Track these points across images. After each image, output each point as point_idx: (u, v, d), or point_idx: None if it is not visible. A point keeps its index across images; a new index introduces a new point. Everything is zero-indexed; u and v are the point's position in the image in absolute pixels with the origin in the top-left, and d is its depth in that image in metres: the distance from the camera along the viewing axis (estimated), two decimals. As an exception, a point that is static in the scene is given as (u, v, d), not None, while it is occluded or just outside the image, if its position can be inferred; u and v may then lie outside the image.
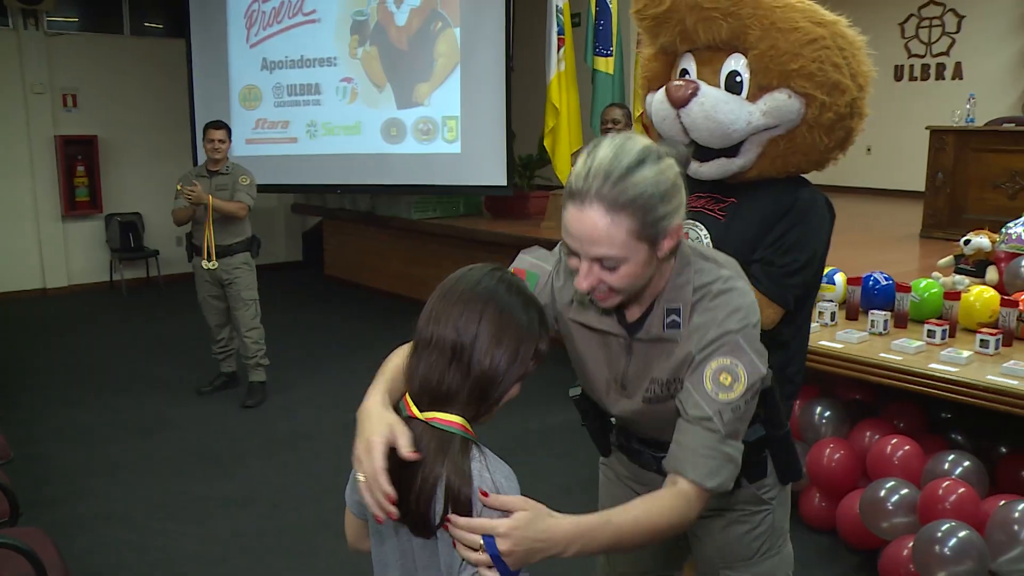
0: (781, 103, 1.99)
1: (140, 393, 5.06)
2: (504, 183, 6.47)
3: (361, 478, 1.23)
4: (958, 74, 8.51)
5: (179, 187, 4.67)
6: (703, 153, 2.12)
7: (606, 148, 1.30)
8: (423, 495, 1.21)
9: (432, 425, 1.24)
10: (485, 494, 1.19)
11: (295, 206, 8.78)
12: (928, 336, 3.12)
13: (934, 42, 8.64)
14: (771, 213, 2.05)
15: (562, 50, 5.98)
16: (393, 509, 1.19)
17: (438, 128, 6.58)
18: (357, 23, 6.71)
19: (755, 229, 2.04)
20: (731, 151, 2.07)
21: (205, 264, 4.80)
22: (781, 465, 1.69)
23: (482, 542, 1.16)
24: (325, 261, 8.86)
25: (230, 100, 7.07)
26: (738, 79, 2.03)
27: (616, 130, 4.61)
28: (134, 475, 3.92)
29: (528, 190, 7.24)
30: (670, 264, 1.41)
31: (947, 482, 2.72)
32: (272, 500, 3.67)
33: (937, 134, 5.75)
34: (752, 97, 2.02)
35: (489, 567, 1.16)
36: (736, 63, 2.03)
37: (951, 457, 2.89)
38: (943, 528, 2.56)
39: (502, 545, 1.15)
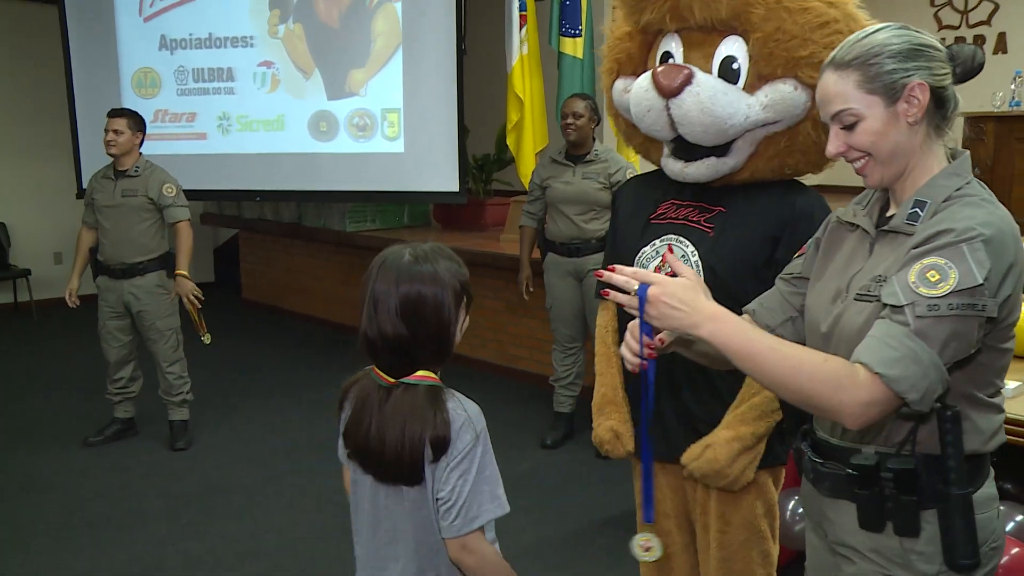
0: (786, 95, 2.00)
1: (9, 446, 4.89)
2: (456, 188, 6.41)
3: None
4: (1001, 47, 8.48)
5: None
6: (689, 151, 2.13)
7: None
8: (413, 448, 1.66)
9: (407, 383, 1.71)
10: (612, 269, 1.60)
11: (205, 216, 8.66)
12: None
13: (971, 9, 8.61)
14: (773, 225, 2.06)
15: (524, 29, 5.96)
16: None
17: (377, 123, 6.52)
18: (278, -5, 6.65)
19: (756, 247, 2.05)
20: (722, 149, 2.07)
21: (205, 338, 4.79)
22: (950, 539, 1.51)
23: (636, 287, 1.53)
24: (242, 282, 8.78)
25: (121, 86, 6.92)
26: (735, 66, 2.04)
27: (578, 125, 4.58)
28: (3, 546, 3.77)
29: (484, 197, 7.22)
30: (936, 154, 1.56)
31: None
32: (175, 573, 3.56)
33: (974, 122, 5.71)
34: (750, 87, 2.03)
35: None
36: (733, 47, 2.03)
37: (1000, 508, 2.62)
38: None
39: (653, 289, 1.50)
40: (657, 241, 2.18)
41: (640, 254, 2.21)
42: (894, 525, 1.55)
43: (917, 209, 1.52)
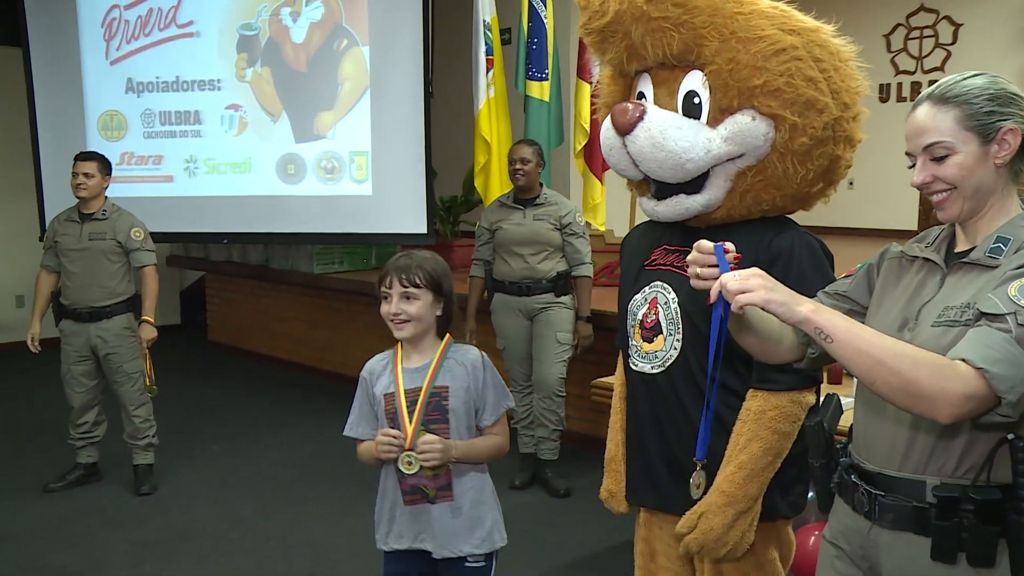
0: (744, 126, 1.98)
1: (-28, 492, 4.80)
2: (424, 230, 6.42)
3: None
4: (956, 93, 8.72)
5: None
6: (661, 190, 2.10)
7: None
8: None
9: None
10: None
11: (171, 258, 8.60)
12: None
13: (926, 56, 8.79)
14: (748, 264, 2.03)
15: (491, 73, 6.01)
16: None
17: (344, 165, 6.53)
18: (245, 39, 6.67)
19: None
20: (692, 186, 2.05)
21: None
22: (1020, 568, 1.55)
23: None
24: (209, 324, 8.71)
25: (87, 129, 6.89)
26: (696, 100, 2.02)
27: (526, 171, 4.63)
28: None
29: (452, 238, 7.21)
30: (1013, 198, 1.65)
31: None
32: (140, 621, 3.50)
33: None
34: (713, 121, 2.01)
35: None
36: (693, 82, 2.02)
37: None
38: None
39: (753, 273, 1.53)
40: (647, 288, 2.17)
41: (631, 302, 2.21)
42: (968, 556, 1.57)
43: (1000, 244, 1.60)
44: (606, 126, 2.11)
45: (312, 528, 4.29)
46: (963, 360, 1.43)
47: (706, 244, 1.64)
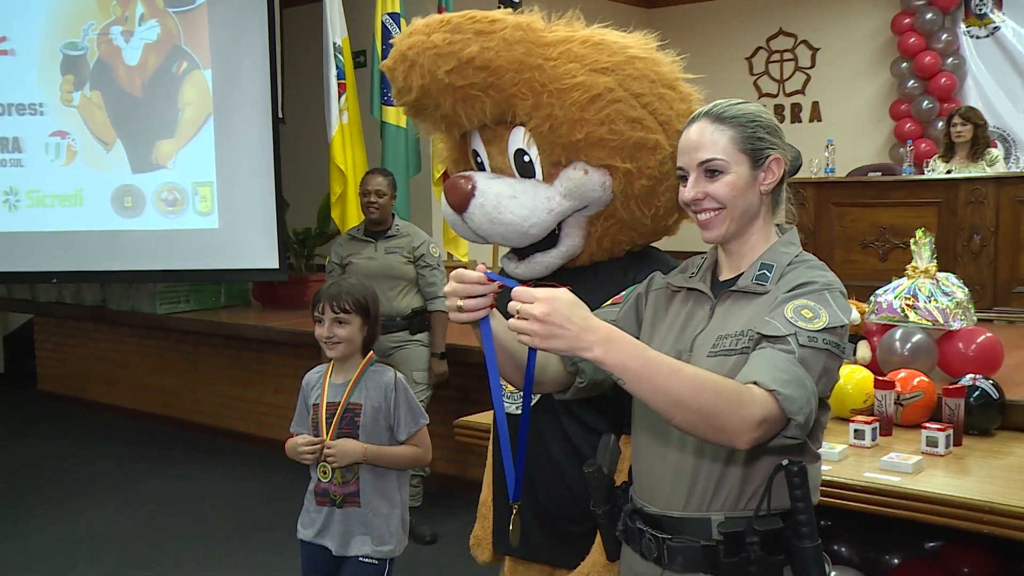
0: (578, 181, 1.95)
1: None
2: (276, 265, 6.31)
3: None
4: (816, 116, 9.07)
5: None
6: (520, 250, 2.08)
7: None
8: None
9: None
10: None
11: (-7, 301, 8.19)
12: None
13: (787, 79, 9.22)
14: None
15: (344, 98, 5.94)
16: None
17: (187, 197, 6.33)
18: (70, 59, 6.37)
19: None
20: (546, 242, 2.04)
21: None
22: None
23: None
24: (38, 372, 8.34)
25: None
26: (526, 158, 2.00)
27: (380, 204, 4.61)
28: None
29: (307, 273, 7.13)
30: (771, 227, 1.73)
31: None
32: None
33: (793, 187, 6.05)
34: (548, 176, 1.99)
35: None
36: (520, 139, 2.00)
37: (832, 575, 2.90)
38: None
39: (537, 309, 1.41)
40: None
41: None
42: None
43: (765, 271, 1.66)
44: (444, 200, 2.09)
45: (157, 595, 4.03)
46: (755, 383, 1.45)
47: (469, 274, 1.56)
